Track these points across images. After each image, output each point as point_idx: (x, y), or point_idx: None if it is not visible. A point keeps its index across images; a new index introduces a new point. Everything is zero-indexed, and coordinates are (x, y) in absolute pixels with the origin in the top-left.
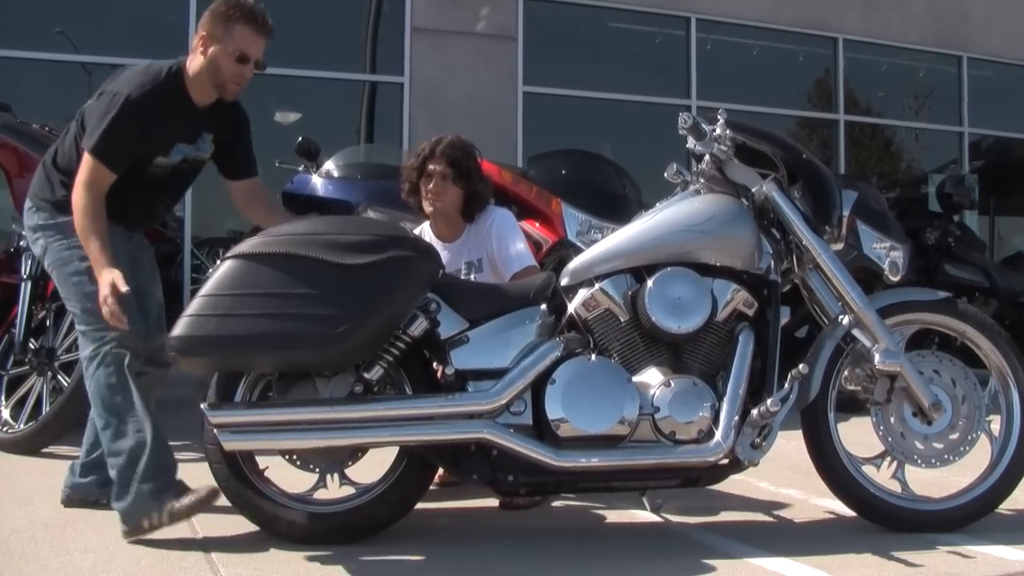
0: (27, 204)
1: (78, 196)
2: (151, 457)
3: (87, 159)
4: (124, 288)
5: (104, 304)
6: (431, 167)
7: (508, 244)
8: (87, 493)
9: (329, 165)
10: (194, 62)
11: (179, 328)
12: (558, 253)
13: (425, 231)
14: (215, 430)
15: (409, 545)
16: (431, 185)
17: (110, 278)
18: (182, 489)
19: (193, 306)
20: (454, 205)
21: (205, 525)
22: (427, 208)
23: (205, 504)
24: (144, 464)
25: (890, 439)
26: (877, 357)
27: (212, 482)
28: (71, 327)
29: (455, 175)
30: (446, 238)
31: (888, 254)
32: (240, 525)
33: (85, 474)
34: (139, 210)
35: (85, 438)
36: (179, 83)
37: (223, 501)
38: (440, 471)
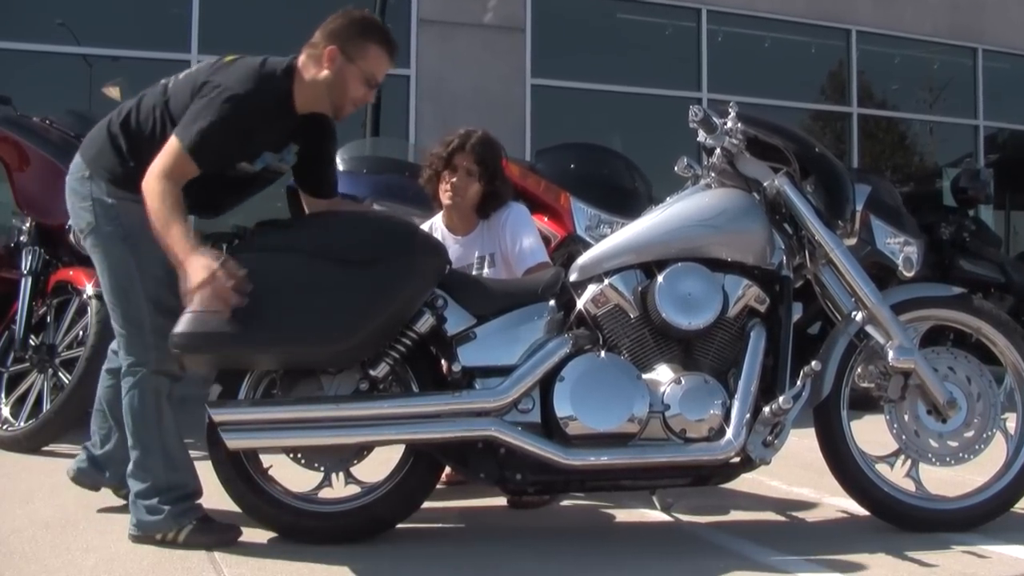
0: (78, 164)
1: (156, 183)
2: (177, 486)
3: (177, 149)
4: (240, 272)
5: (198, 290)
6: (459, 161)
7: (522, 239)
8: (96, 480)
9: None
10: (315, 72)
11: (182, 324)
12: (567, 248)
13: (436, 224)
14: (218, 428)
15: (415, 545)
16: (455, 179)
17: (204, 262)
18: (204, 520)
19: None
20: (472, 202)
21: None
22: (444, 200)
23: (224, 541)
24: (169, 491)
25: (904, 437)
26: (891, 354)
27: (222, 491)
28: (72, 323)
29: (481, 172)
30: (458, 231)
31: (902, 249)
32: (244, 524)
33: (96, 466)
34: (199, 205)
35: (96, 429)
36: (289, 88)
37: (227, 501)
38: (447, 470)
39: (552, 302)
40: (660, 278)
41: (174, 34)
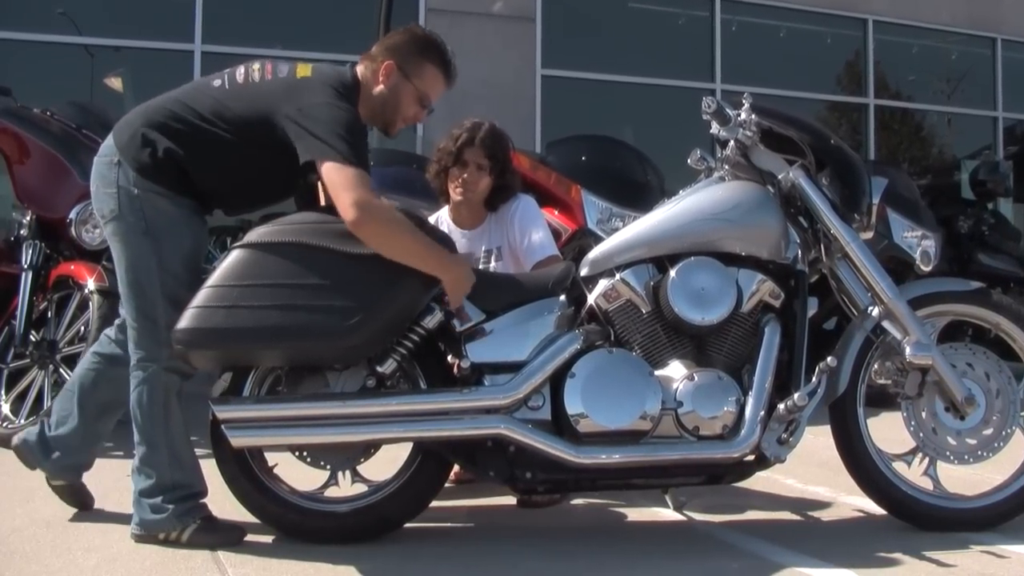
0: (109, 148)
1: (364, 202)
2: (181, 485)
3: (342, 168)
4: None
5: (456, 301)
6: (468, 156)
7: (531, 232)
8: (36, 460)
9: None
10: (373, 85)
11: (185, 320)
12: (578, 242)
13: (442, 218)
14: (222, 426)
15: (423, 545)
16: (466, 175)
17: (462, 272)
18: (208, 520)
19: (199, 297)
20: (483, 196)
21: None
22: (455, 196)
23: (228, 542)
24: (173, 489)
25: (921, 435)
26: (908, 350)
27: (226, 489)
28: (73, 318)
29: (491, 166)
30: (466, 225)
31: (919, 243)
32: (248, 524)
33: (43, 445)
34: (241, 201)
35: (57, 408)
36: (356, 96)
37: (231, 500)
38: (455, 468)
39: (563, 297)
40: (673, 272)
41: (177, 24)
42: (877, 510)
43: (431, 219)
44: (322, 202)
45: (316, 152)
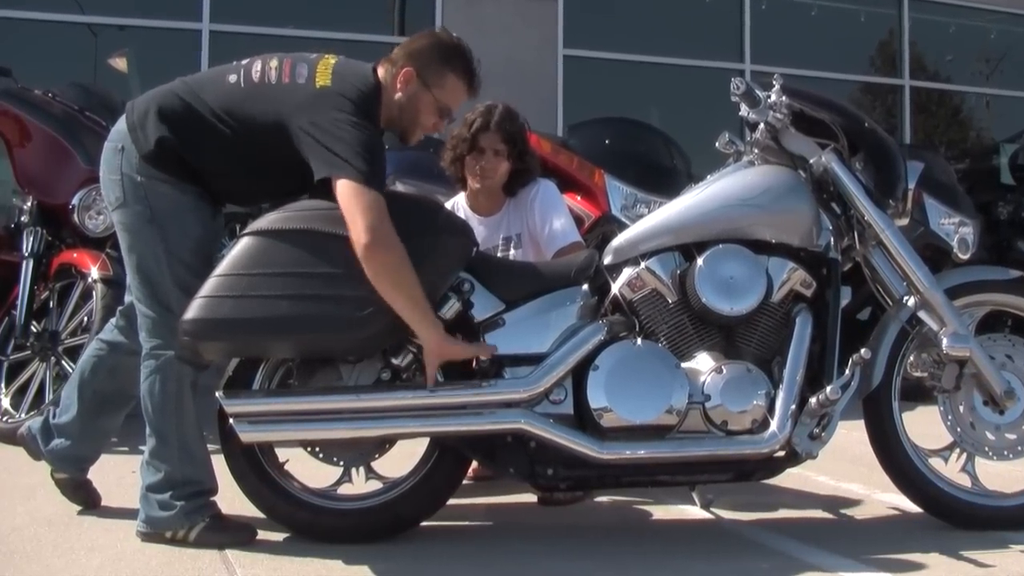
0: (119, 132)
1: (379, 231)
2: (192, 481)
3: (360, 190)
4: (488, 354)
5: (430, 367)
6: (485, 142)
7: (552, 219)
8: (38, 450)
9: None
10: (392, 92)
11: (192, 311)
12: (601, 229)
13: (459, 204)
14: (231, 420)
15: (440, 544)
16: (483, 162)
17: (441, 340)
18: (217, 518)
19: (207, 287)
20: (502, 181)
21: None
22: (473, 184)
23: (238, 541)
24: (184, 485)
25: (959, 429)
26: (945, 341)
27: (235, 486)
28: (76, 308)
29: (509, 151)
30: (484, 212)
31: (957, 230)
32: (258, 522)
33: (47, 433)
34: (242, 198)
35: (63, 396)
36: (378, 102)
37: (240, 497)
38: (474, 464)
39: (585, 286)
40: (700, 261)
41: (184, 1)
42: (912, 508)
43: (447, 205)
44: None
45: (334, 169)
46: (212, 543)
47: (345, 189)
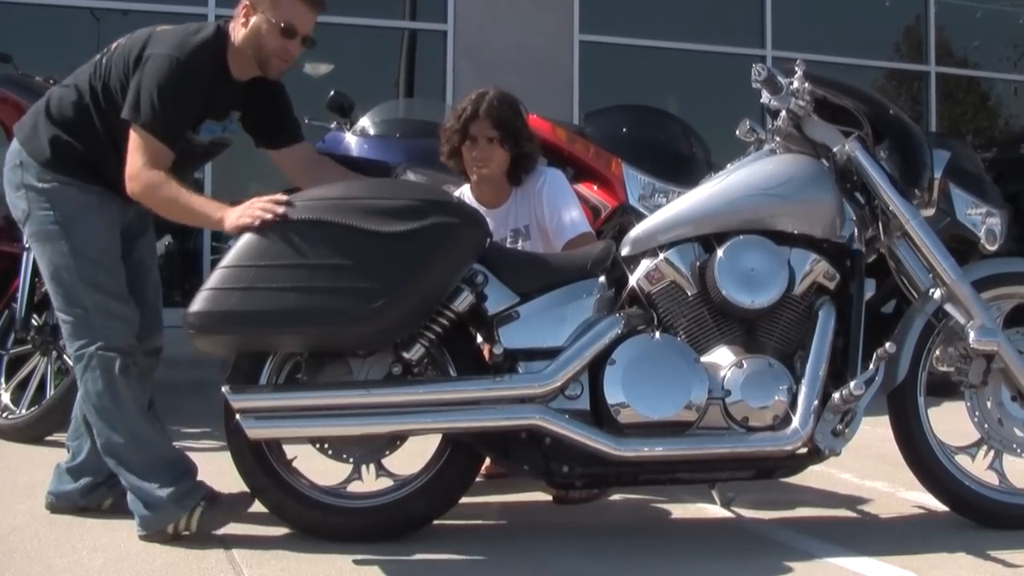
0: (13, 151)
1: (142, 175)
2: (156, 467)
3: (141, 134)
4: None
5: (248, 218)
6: (475, 130)
7: (560, 209)
8: (73, 500)
9: (364, 122)
10: (236, 32)
11: (198, 303)
12: (618, 219)
13: (465, 195)
14: (238, 416)
15: (452, 543)
16: (476, 152)
17: (238, 208)
18: (210, 494)
19: (213, 279)
20: (501, 169)
21: None
22: (472, 176)
23: (238, 513)
24: (151, 473)
25: (986, 426)
26: (972, 335)
27: (241, 483)
28: None
29: (502, 137)
30: (490, 203)
31: (984, 221)
32: (265, 520)
33: (72, 479)
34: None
35: (68, 437)
36: (222, 50)
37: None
38: (487, 461)
39: (602, 278)
40: (720, 252)
41: None
42: (938, 506)
43: (456, 195)
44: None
45: (126, 111)
46: (216, 524)
47: (136, 136)
